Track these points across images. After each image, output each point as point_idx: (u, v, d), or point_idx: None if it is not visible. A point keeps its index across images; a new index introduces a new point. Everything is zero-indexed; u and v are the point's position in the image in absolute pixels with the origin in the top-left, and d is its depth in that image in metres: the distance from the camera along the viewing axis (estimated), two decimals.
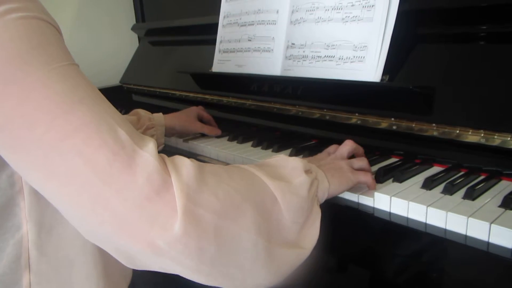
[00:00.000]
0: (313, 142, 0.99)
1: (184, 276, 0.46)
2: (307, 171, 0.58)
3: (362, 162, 0.70)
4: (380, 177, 0.72)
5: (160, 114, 1.04)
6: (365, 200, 0.68)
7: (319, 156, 0.71)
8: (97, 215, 0.42)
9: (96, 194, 0.41)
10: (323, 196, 0.61)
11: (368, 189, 0.69)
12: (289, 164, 0.58)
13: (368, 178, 0.67)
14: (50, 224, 0.53)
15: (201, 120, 1.13)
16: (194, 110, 1.13)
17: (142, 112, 1.02)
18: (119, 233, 0.42)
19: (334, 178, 0.63)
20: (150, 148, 0.44)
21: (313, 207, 0.57)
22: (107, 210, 0.41)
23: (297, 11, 0.99)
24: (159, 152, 0.47)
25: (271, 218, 0.51)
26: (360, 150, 0.75)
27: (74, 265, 0.56)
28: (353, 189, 0.68)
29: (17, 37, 0.41)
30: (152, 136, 0.96)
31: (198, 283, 0.47)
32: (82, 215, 0.43)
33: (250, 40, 1.11)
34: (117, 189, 0.41)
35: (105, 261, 0.59)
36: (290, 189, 0.54)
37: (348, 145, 0.72)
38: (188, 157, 1.03)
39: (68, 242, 0.55)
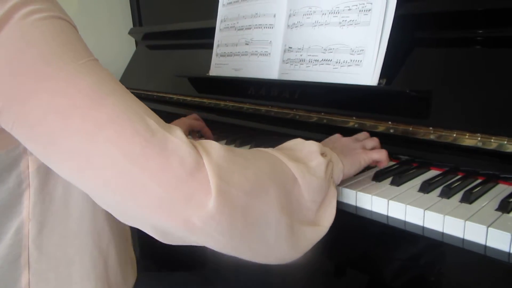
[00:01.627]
0: None
1: (213, 248, 0.49)
2: (323, 154, 0.61)
3: (374, 141, 0.73)
4: (377, 180, 0.72)
5: None
6: (362, 204, 0.68)
7: (333, 138, 0.74)
8: (135, 199, 0.44)
9: (133, 180, 0.43)
10: (338, 177, 0.64)
11: (366, 186, 0.70)
12: (306, 147, 0.61)
13: (380, 154, 0.69)
14: (51, 223, 0.54)
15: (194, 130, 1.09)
16: (184, 123, 1.06)
17: None
18: (157, 214, 0.45)
19: (347, 159, 0.66)
20: (179, 134, 0.46)
21: (329, 188, 0.60)
22: (145, 194, 0.43)
23: (294, 15, 0.99)
24: None
25: (292, 197, 0.54)
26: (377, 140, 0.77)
27: (73, 264, 0.57)
28: (351, 185, 0.69)
29: (46, 35, 0.43)
30: None
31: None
32: (119, 201, 0.45)
33: (248, 44, 1.11)
34: (153, 173, 0.43)
35: (105, 261, 0.59)
36: (309, 170, 0.57)
37: (365, 135, 0.77)
38: None
39: (68, 242, 0.56)
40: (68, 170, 0.46)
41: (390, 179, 0.72)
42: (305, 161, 0.58)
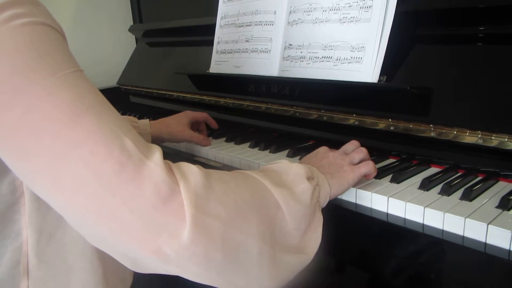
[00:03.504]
0: (311, 143, 0.99)
1: (188, 279, 0.47)
2: (309, 178, 0.58)
3: (361, 154, 0.70)
4: (377, 177, 0.72)
5: (146, 121, 0.97)
6: (362, 201, 0.68)
7: (321, 153, 0.70)
8: (104, 225, 0.42)
9: (103, 204, 0.41)
10: (324, 201, 0.61)
11: (366, 184, 0.69)
12: (292, 171, 0.58)
13: (368, 167, 0.67)
14: (49, 231, 0.53)
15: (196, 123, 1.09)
16: (187, 115, 1.04)
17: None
18: (127, 242, 0.43)
19: (334, 179, 0.63)
20: (156, 157, 0.44)
21: (315, 213, 0.58)
22: (114, 220, 0.41)
23: (294, 12, 0.99)
24: None
25: (275, 225, 0.51)
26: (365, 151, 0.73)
27: (72, 271, 0.56)
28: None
29: (23, 45, 0.41)
30: None
31: (197, 286, 0.48)
32: (89, 225, 0.44)
33: (248, 41, 1.11)
34: (124, 200, 0.41)
35: (104, 266, 0.59)
36: (293, 196, 0.54)
37: (354, 144, 0.73)
38: (186, 158, 1.03)
39: (67, 248, 0.55)
40: (39, 189, 0.44)
41: (390, 176, 0.72)
42: (290, 186, 0.56)
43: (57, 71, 0.42)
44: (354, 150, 0.71)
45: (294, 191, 0.55)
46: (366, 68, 0.84)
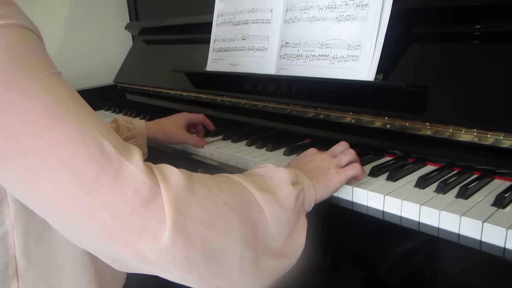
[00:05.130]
0: (307, 141, 0.99)
1: (170, 280, 0.47)
2: (294, 183, 0.58)
3: (348, 156, 0.69)
4: (374, 175, 0.72)
5: (142, 122, 0.97)
6: (359, 199, 0.68)
7: (309, 156, 0.70)
8: (85, 226, 0.42)
9: (83, 206, 0.41)
10: (309, 205, 0.61)
11: (362, 182, 0.69)
12: (277, 175, 0.58)
13: (355, 170, 0.67)
14: (37, 231, 0.52)
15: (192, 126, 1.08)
16: (184, 117, 1.03)
17: (122, 120, 0.95)
18: (108, 243, 0.43)
19: (320, 183, 0.64)
20: (136, 159, 0.44)
21: (299, 218, 0.58)
22: (95, 222, 0.41)
23: (291, 10, 0.99)
24: (143, 160, 0.46)
25: (258, 229, 0.52)
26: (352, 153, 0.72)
27: (63, 271, 0.55)
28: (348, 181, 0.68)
29: None
30: None
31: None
32: (71, 226, 0.44)
33: (244, 39, 1.10)
34: (105, 202, 0.41)
35: (96, 265, 0.58)
36: (277, 201, 0.54)
37: (342, 146, 0.72)
38: (182, 156, 1.03)
39: (56, 249, 0.54)
40: (19, 191, 0.44)
41: (386, 175, 0.72)
42: (275, 191, 0.56)
43: (34, 74, 0.41)
44: (342, 151, 0.71)
45: (278, 196, 0.55)
46: (363, 66, 0.84)
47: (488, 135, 0.69)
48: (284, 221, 0.54)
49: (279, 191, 0.56)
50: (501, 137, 0.68)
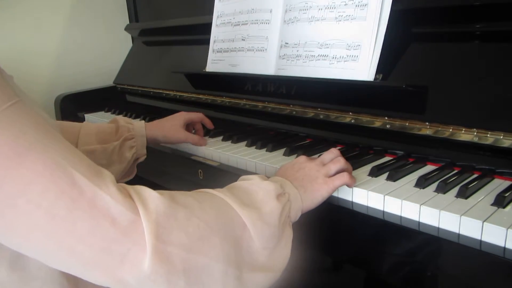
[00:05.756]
0: (307, 141, 0.99)
1: None
2: (279, 195, 0.58)
3: (338, 164, 0.68)
4: (374, 175, 0.72)
5: (142, 123, 0.96)
6: (359, 199, 0.68)
7: (298, 164, 0.69)
8: (65, 261, 0.42)
9: (60, 242, 0.40)
10: (296, 216, 0.61)
11: (363, 182, 0.69)
12: (262, 188, 0.58)
13: (343, 179, 0.66)
14: (9, 259, 0.49)
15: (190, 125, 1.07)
16: (182, 116, 1.02)
17: (121, 121, 0.94)
18: (89, 273, 0.43)
19: (307, 193, 0.63)
20: (109, 187, 0.43)
21: (284, 231, 0.57)
22: (74, 257, 0.41)
23: (290, 10, 0.99)
24: (143, 161, 0.45)
25: (241, 245, 0.51)
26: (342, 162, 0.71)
27: None
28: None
29: None
30: (131, 147, 0.90)
31: None
32: (51, 261, 0.43)
33: (244, 40, 1.10)
34: (81, 237, 0.40)
35: (75, 283, 0.54)
36: (260, 216, 0.54)
37: (333, 153, 0.71)
38: (182, 157, 1.02)
39: (32, 275, 0.51)
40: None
41: (386, 174, 0.72)
42: (259, 205, 0.55)
43: None
44: (332, 159, 0.70)
45: (261, 211, 0.55)
46: (362, 66, 0.84)
47: (488, 135, 0.69)
48: (268, 236, 0.54)
49: (263, 206, 0.55)
50: (501, 137, 0.68)
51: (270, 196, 0.57)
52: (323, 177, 0.66)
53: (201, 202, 0.50)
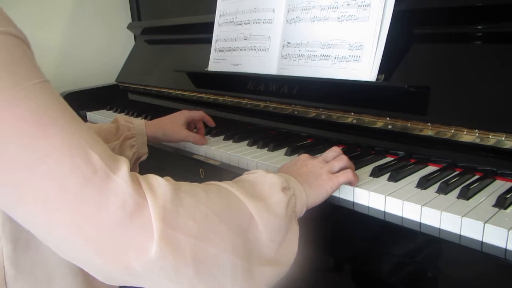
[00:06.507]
0: (309, 141, 0.99)
1: None
2: (285, 189, 0.58)
3: (341, 162, 0.69)
4: (375, 175, 0.72)
5: (142, 121, 0.96)
6: (360, 199, 0.68)
7: (300, 161, 0.70)
8: (70, 240, 0.42)
9: (67, 219, 0.40)
10: (301, 211, 0.61)
11: (364, 182, 0.69)
12: (267, 181, 0.58)
13: (347, 176, 0.66)
14: (25, 240, 0.51)
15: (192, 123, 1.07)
16: (183, 115, 1.01)
17: (122, 120, 0.94)
18: (93, 257, 0.42)
19: (312, 189, 0.63)
20: (123, 172, 0.43)
21: (290, 224, 0.57)
22: (79, 236, 0.41)
23: (293, 10, 0.99)
24: (144, 160, 0.45)
25: (249, 237, 0.51)
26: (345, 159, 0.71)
27: (53, 279, 0.54)
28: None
29: None
30: (132, 146, 0.91)
31: None
32: (55, 239, 0.43)
33: (246, 39, 1.10)
34: (89, 216, 0.40)
35: (85, 272, 0.57)
36: (267, 208, 0.54)
37: (335, 152, 0.71)
38: (184, 156, 1.02)
39: (45, 257, 0.53)
40: (6, 204, 0.43)
41: (387, 175, 0.72)
42: (265, 197, 0.55)
43: (19, 83, 0.40)
44: (334, 157, 0.70)
45: (268, 202, 0.55)
46: (364, 66, 0.84)
47: (490, 136, 0.69)
48: (275, 227, 0.54)
49: (269, 198, 0.55)
50: (503, 138, 0.68)
51: (276, 188, 0.57)
52: (327, 174, 0.66)
53: (208, 192, 0.50)
